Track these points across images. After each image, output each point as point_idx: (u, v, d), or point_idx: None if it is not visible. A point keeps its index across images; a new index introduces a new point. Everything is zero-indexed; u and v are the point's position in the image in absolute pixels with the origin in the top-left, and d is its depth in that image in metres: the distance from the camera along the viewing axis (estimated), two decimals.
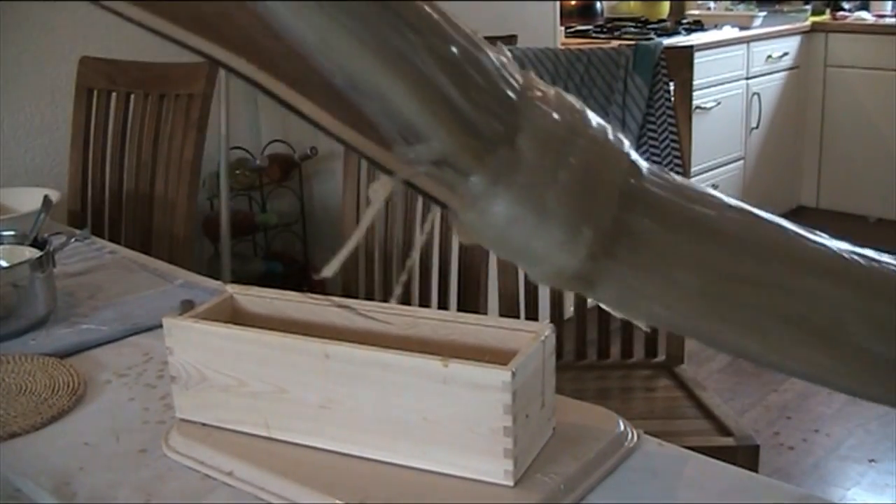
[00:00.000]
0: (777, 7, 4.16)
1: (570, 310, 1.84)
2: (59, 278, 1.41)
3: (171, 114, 1.97)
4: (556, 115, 0.48)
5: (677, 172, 1.83)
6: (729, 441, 1.56)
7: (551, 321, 1.62)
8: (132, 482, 0.91)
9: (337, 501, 0.83)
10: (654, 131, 1.84)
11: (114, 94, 2.05)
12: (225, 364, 0.94)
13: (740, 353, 0.52)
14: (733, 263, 0.50)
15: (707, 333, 0.51)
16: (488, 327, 0.92)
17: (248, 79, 0.46)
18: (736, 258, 0.50)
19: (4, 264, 1.37)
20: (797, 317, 0.50)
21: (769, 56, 3.80)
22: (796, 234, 0.52)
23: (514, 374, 0.80)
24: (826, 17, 4.10)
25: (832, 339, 0.50)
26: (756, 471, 1.45)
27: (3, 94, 2.26)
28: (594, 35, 3.69)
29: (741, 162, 3.78)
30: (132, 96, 2.03)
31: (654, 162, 1.85)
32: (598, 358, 1.86)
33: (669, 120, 1.84)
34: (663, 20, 4.04)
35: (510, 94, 0.47)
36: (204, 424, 0.96)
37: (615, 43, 3.37)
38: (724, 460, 0.91)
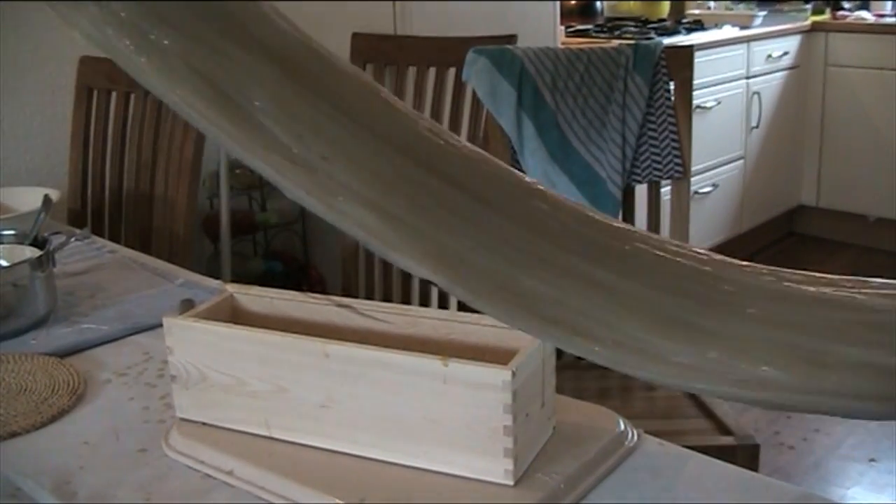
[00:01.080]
0: (777, 6, 4.16)
1: None
2: (60, 278, 1.41)
3: (171, 113, 1.96)
4: None
5: (678, 172, 1.84)
6: (729, 440, 1.56)
7: None
8: (132, 481, 0.91)
9: (337, 501, 0.83)
10: (655, 131, 1.84)
11: (114, 94, 2.06)
12: (225, 363, 0.94)
13: (144, 83, 0.55)
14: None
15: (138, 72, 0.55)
16: (488, 326, 0.92)
17: None
18: None
19: (4, 263, 1.37)
20: (208, 73, 0.52)
21: (769, 55, 3.80)
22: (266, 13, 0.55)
23: (514, 374, 0.80)
24: (826, 16, 4.10)
25: (235, 106, 0.52)
26: (756, 470, 1.45)
27: (3, 93, 2.26)
28: (594, 34, 3.69)
29: (741, 161, 3.78)
30: (132, 95, 2.03)
31: (655, 161, 1.86)
32: None
33: (670, 119, 1.84)
34: (663, 20, 4.04)
35: None
36: (204, 424, 0.96)
37: (615, 42, 3.37)
38: (724, 460, 0.91)
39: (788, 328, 0.52)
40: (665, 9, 4.17)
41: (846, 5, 4.12)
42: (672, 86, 1.86)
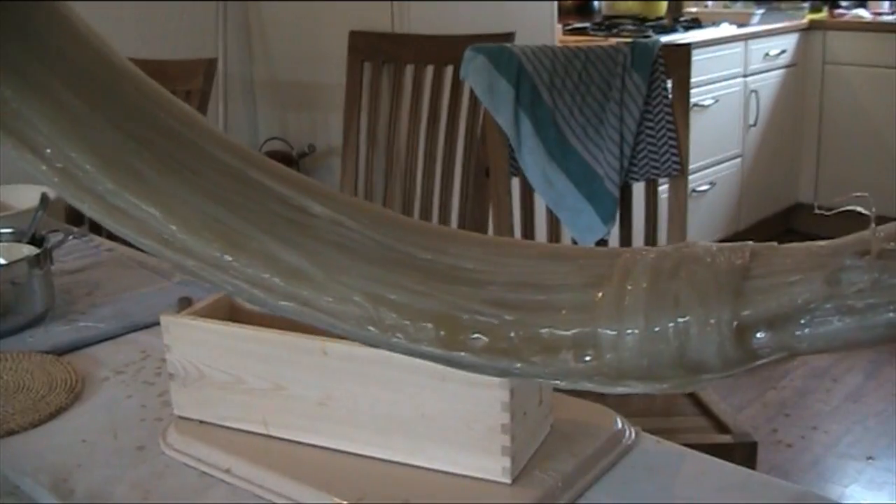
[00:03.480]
0: (774, 4, 4.16)
1: None
2: (57, 275, 1.41)
3: None
4: None
5: (675, 170, 1.84)
6: (727, 438, 1.57)
7: None
8: (130, 479, 0.91)
9: (335, 499, 0.83)
10: (652, 129, 1.85)
11: None
12: (223, 361, 0.94)
13: None
14: None
15: None
16: None
17: None
18: None
19: (2, 261, 1.37)
20: None
21: (767, 53, 3.80)
22: None
23: None
24: (824, 14, 4.10)
25: None
26: (754, 468, 1.46)
27: None
28: (592, 33, 3.69)
29: (739, 160, 3.78)
30: None
31: (652, 159, 1.86)
32: None
33: (667, 118, 1.84)
34: (661, 18, 4.04)
35: None
36: (202, 422, 0.96)
37: (613, 40, 3.37)
38: (721, 458, 0.91)
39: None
40: (662, 7, 4.17)
41: (843, 3, 4.12)
42: (669, 84, 1.86)
